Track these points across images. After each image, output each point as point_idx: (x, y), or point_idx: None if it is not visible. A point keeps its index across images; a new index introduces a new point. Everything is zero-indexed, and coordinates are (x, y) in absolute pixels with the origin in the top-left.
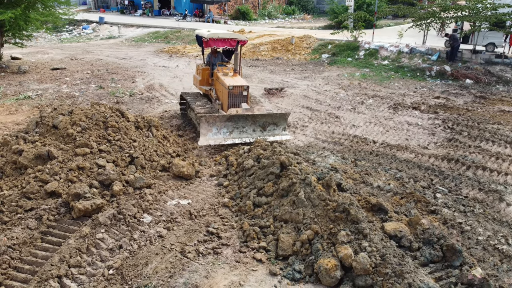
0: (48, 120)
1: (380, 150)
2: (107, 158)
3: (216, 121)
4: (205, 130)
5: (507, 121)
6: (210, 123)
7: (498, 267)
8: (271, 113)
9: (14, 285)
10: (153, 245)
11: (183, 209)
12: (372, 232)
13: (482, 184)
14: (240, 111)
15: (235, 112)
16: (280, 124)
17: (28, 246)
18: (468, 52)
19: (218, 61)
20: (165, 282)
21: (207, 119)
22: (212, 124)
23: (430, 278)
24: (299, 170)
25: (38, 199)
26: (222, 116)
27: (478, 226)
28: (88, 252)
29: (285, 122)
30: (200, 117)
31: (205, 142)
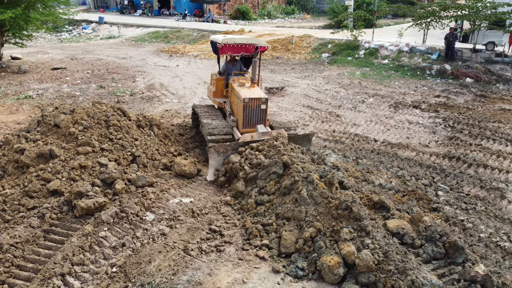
0: (49, 119)
1: (381, 148)
2: (109, 157)
3: (227, 150)
4: (214, 161)
5: (508, 119)
6: (220, 153)
7: (500, 264)
8: (292, 135)
9: (17, 284)
10: (156, 243)
11: (186, 207)
12: (374, 229)
13: (483, 182)
14: (255, 136)
15: (250, 138)
16: (303, 145)
17: (31, 244)
18: (468, 51)
19: (236, 70)
20: (168, 279)
21: (217, 149)
22: (223, 153)
23: (433, 275)
24: (301, 168)
25: (41, 197)
26: (234, 144)
27: (480, 224)
28: (91, 250)
29: (309, 143)
30: (209, 147)
31: (214, 177)
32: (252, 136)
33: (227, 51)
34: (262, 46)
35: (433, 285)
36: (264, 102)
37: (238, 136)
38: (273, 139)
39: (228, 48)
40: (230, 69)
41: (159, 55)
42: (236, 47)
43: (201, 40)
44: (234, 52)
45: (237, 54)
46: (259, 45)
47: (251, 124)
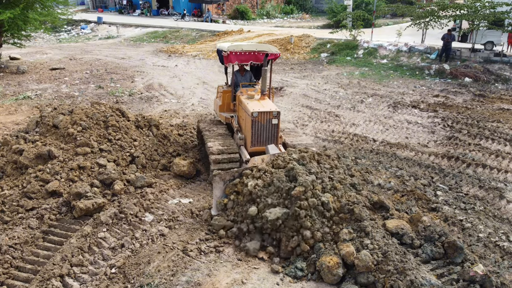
0: (48, 120)
1: (380, 148)
2: (108, 158)
3: (234, 177)
4: (219, 191)
5: (506, 119)
6: (225, 181)
7: (499, 264)
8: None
9: (16, 285)
10: (155, 244)
11: (185, 207)
12: (374, 229)
13: (482, 182)
14: (267, 159)
15: (261, 162)
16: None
17: (30, 245)
18: (467, 50)
19: (245, 81)
20: (167, 280)
21: (223, 177)
22: (230, 180)
23: (432, 274)
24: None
25: (39, 198)
26: (242, 170)
27: (479, 223)
28: (90, 251)
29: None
30: (213, 175)
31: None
32: (262, 159)
33: (234, 59)
34: (273, 54)
35: (432, 285)
36: (276, 116)
37: (246, 157)
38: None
39: (235, 56)
40: (239, 79)
41: (157, 55)
42: (244, 55)
43: (200, 40)
44: (242, 61)
45: (245, 62)
46: (269, 52)
47: (260, 142)
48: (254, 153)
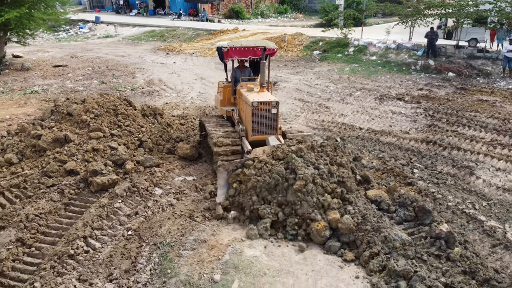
0: (62, 108)
1: (366, 135)
2: (118, 141)
3: (237, 167)
4: (223, 181)
5: (484, 109)
6: (230, 171)
7: (464, 227)
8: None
9: (43, 247)
10: (165, 212)
11: (189, 183)
12: (357, 198)
13: (455, 162)
14: (267, 150)
15: (262, 153)
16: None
17: (53, 215)
18: (452, 47)
19: (244, 76)
20: (177, 239)
21: (226, 167)
22: (233, 170)
23: (403, 232)
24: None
25: (58, 176)
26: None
27: (448, 195)
28: (108, 218)
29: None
30: (218, 166)
31: (223, 198)
32: (263, 150)
33: (234, 55)
34: (271, 49)
35: (403, 240)
36: (275, 106)
37: (247, 148)
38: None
39: (235, 51)
40: (238, 75)
41: (156, 53)
42: (243, 50)
43: (197, 39)
44: (241, 56)
45: (244, 57)
46: (267, 47)
47: (261, 131)
48: (255, 142)
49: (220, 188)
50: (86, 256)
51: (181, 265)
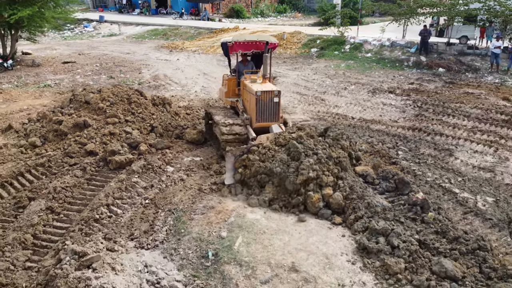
0: (80, 97)
1: (357, 124)
2: (132, 127)
3: (243, 152)
4: (231, 165)
5: (469, 100)
6: (236, 155)
7: (440, 198)
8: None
9: (71, 214)
10: (177, 185)
11: (197, 163)
12: (347, 174)
13: (437, 145)
14: (271, 137)
15: (266, 139)
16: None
17: (77, 188)
18: (443, 44)
19: (247, 69)
20: (188, 206)
21: (234, 152)
22: (240, 155)
23: (384, 200)
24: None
25: (79, 157)
26: (251, 146)
27: (428, 172)
28: (127, 190)
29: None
30: (226, 151)
31: (231, 180)
32: (267, 137)
33: (238, 48)
34: (272, 43)
35: (383, 206)
36: (277, 95)
37: (252, 135)
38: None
39: (239, 45)
40: (242, 68)
41: (160, 51)
42: (247, 44)
43: (198, 37)
44: (244, 50)
45: (248, 51)
46: (269, 41)
47: (264, 119)
48: (258, 130)
49: (228, 171)
50: (109, 220)
51: (193, 226)
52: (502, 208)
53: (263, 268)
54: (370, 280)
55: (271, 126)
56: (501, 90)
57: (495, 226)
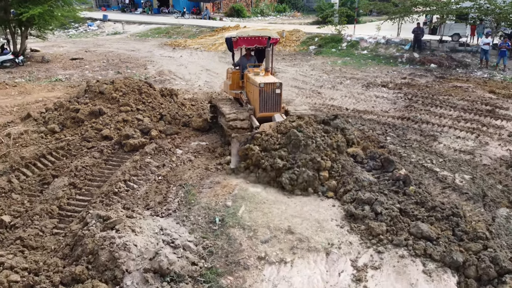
0: (95, 88)
1: (351, 114)
2: (143, 115)
3: (247, 139)
4: (236, 150)
5: (457, 93)
6: (241, 142)
7: (422, 176)
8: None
9: (91, 189)
10: (186, 165)
11: (203, 147)
12: (341, 157)
13: (423, 132)
14: (273, 125)
15: (268, 128)
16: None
17: (96, 167)
18: (436, 41)
19: (250, 63)
20: (197, 182)
21: (239, 139)
22: (244, 142)
23: (371, 176)
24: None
25: (96, 141)
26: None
27: (412, 154)
28: (141, 168)
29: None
30: (232, 137)
31: (236, 164)
32: (270, 125)
33: (242, 43)
34: (274, 38)
35: (370, 181)
36: (279, 86)
37: (256, 124)
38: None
39: (243, 40)
40: (245, 62)
41: (163, 48)
42: (250, 39)
43: (200, 35)
44: (248, 44)
45: (251, 46)
46: (271, 36)
47: (267, 109)
48: (261, 119)
49: (233, 156)
50: (127, 193)
51: (201, 197)
52: (477, 184)
53: (263, 230)
54: (356, 241)
55: (274, 115)
56: (488, 84)
57: (470, 199)
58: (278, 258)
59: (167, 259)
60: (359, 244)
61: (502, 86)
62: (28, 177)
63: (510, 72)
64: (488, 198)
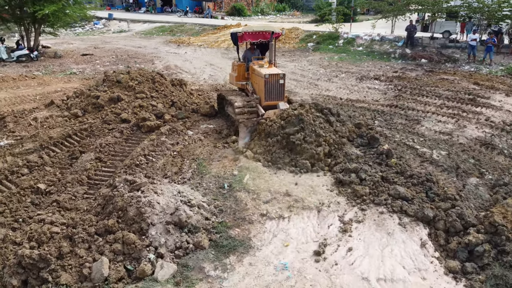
0: (112, 78)
1: (344, 103)
2: (157, 101)
3: (254, 124)
4: (243, 134)
5: (443, 84)
6: (248, 127)
7: (403, 152)
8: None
9: (115, 162)
10: (197, 143)
11: (211, 129)
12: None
13: (408, 117)
14: (278, 112)
15: (273, 114)
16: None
17: (118, 145)
18: (428, 38)
19: (255, 56)
20: (207, 156)
21: (246, 124)
22: (251, 127)
23: (358, 151)
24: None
25: (115, 123)
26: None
27: (396, 134)
28: (157, 146)
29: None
30: (239, 122)
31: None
32: (274, 112)
33: (247, 38)
34: (277, 33)
35: (357, 155)
36: (282, 77)
37: (261, 112)
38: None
39: (248, 35)
40: (250, 55)
41: (168, 45)
42: (255, 34)
43: (203, 33)
44: (253, 39)
45: (256, 40)
46: (275, 31)
47: (271, 98)
48: (266, 107)
49: (241, 140)
50: (147, 165)
51: (211, 168)
52: (452, 159)
53: (265, 193)
54: (343, 201)
55: (279, 104)
56: (474, 77)
57: (445, 170)
58: (277, 215)
59: (185, 213)
60: (346, 204)
61: (486, 78)
62: (57, 153)
63: (495, 66)
64: (461, 170)
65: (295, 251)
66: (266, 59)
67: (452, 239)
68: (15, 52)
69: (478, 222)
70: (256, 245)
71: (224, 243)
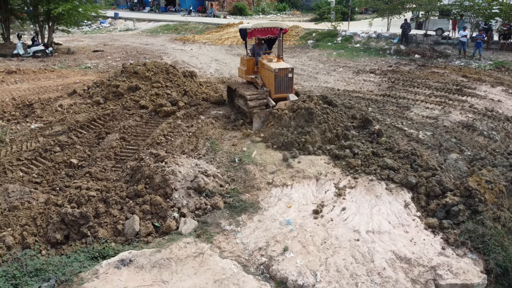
0: (130, 69)
1: (341, 93)
2: (171, 90)
3: (267, 114)
4: (257, 124)
5: (433, 77)
6: (261, 117)
7: (393, 133)
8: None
9: (137, 141)
10: (209, 126)
11: (221, 114)
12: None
13: (399, 104)
14: (288, 104)
15: (284, 106)
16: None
17: (139, 127)
18: (421, 35)
19: (262, 51)
20: (219, 137)
21: (259, 114)
22: (264, 117)
23: (354, 131)
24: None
25: (135, 109)
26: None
27: (387, 118)
28: (174, 128)
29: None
30: (253, 113)
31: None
32: (285, 104)
33: (256, 34)
34: (284, 28)
35: (353, 134)
36: (291, 71)
37: (272, 103)
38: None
39: (257, 31)
40: (258, 50)
41: (174, 42)
42: (264, 30)
43: (206, 31)
44: (262, 35)
45: (264, 36)
46: (282, 27)
47: (281, 91)
48: (276, 99)
49: (254, 128)
50: (166, 143)
51: (223, 146)
52: (436, 139)
53: (270, 166)
54: (338, 171)
55: (288, 95)
56: (463, 70)
57: (429, 148)
58: (282, 183)
59: (203, 180)
60: (341, 173)
61: (474, 72)
62: (85, 135)
63: (484, 60)
64: (443, 147)
65: (296, 211)
66: (274, 54)
67: (432, 202)
68: (32, 48)
69: (455, 188)
70: (264, 206)
71: (236, 205)
